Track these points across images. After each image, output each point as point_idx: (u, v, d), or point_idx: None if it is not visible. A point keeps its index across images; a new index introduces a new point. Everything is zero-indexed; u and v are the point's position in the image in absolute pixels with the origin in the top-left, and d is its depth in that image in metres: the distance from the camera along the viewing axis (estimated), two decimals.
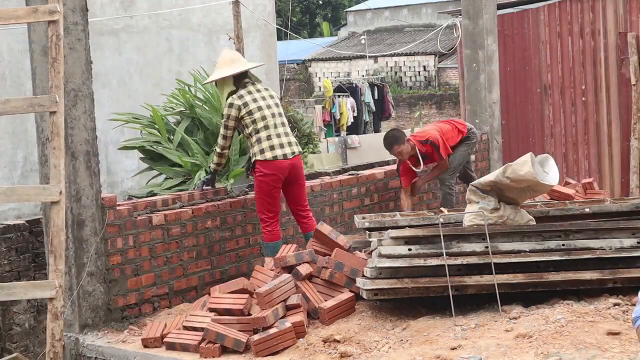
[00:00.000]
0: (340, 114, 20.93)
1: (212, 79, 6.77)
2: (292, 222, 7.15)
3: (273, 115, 6.57)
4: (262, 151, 6.45)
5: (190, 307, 6.05)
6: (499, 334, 4.82)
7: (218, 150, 6.70)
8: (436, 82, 28.40)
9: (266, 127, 6.52)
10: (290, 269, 5.83)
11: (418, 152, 7.71)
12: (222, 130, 6.61)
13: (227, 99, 6.59)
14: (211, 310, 5.46)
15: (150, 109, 9.63)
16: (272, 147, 6.48)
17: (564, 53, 10.43)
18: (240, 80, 6.64)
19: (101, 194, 5.89)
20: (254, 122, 6.49)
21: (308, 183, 7.39)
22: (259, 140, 6.48)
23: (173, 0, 14.17)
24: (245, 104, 6.53)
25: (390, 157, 9.29)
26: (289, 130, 6.66)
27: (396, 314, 5.43)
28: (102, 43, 12.80)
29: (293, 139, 6.67)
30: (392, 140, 7.71)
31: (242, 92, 6.59)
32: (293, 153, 6.55)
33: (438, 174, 7.94)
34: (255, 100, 6.57)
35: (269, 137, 6.50)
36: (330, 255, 5.85)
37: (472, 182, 5.92)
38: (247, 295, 5.49)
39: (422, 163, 7.70)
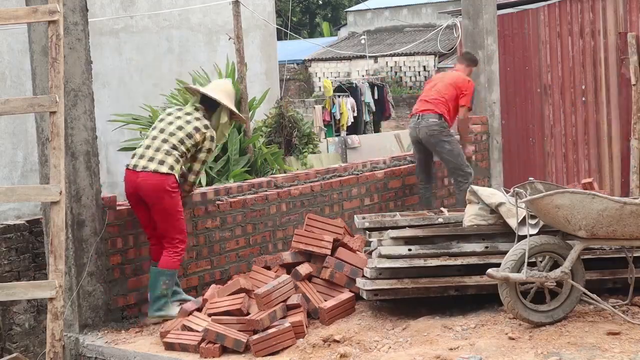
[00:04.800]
0: (340, 114, 20.92)
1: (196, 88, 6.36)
2: (292, 222, 7.16)
3: (162, 130, 5.92)
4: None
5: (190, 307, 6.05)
6: (499, 334, 4.82)
7: None
8: None
9: (146, 137, 6.04)
10: (289, 269, 5.84)
11: None
12: None
13: None
14: (210, 315, 5.46)
15: (150, 109, 9.66)
16: (133, 155, 5.94)
17: (564, 53, 10.43)
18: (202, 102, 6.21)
19: (101, 194, 5.89)
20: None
21: (308, 184, 7.38)
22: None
23: (173, 0, 14.17)
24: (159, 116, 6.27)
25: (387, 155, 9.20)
26: (165, 147, 5.82)
27: (396, 314, 5.43)
28: (102, 43, 12.80)
29: (159, 156, 5.78)
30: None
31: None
32: (144, 168, 5.77)
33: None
34: (169, 114, 6.11)
35: (140, 145, 6.00)
36: (314, 253, 5.86)
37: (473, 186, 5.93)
38: (243, 295, 5.49)
39: None
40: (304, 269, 5.76)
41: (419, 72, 28.98)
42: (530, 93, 10.77)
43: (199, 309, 5.66)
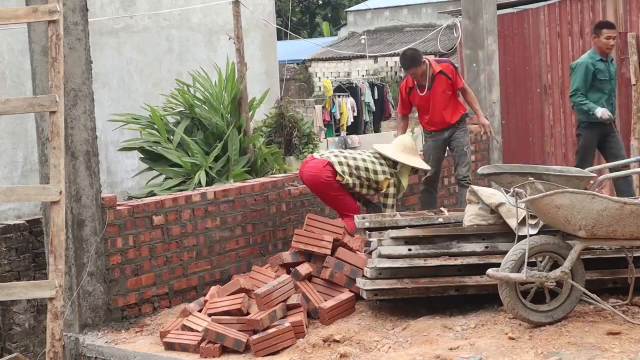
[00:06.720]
0: (340, 113, 20.91)
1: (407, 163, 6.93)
2: (292, 222, 7.16)
3: (354, 158, 6.85)
4: None
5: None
6: (499, 334, 4.82)
7: None
8: None
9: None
10: (289, 269, 5.84)
11: (429, 73, 7.66)
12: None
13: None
14: (210, 315, 5.46)
15: (150, 109, 9.64)
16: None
17: (564, 53, 10.43)
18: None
19: (101, 194, 5.89)
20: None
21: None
22: None
23: (173, 0, 14.16)
24: None
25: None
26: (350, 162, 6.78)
27: (396, 314, 5.43)
28: (102, 43, 12.79)
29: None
30: (412, 61, 7.66)
31: None
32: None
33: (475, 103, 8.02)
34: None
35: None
36: (314, 253, 5.86)
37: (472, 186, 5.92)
38: (243, 295, 5.48)
39: (426, 88, 7.66)
40: (304, 269, 5.76)
41: None
42: (530, 93, 10.77)
43: (199, 309, 5.66)
